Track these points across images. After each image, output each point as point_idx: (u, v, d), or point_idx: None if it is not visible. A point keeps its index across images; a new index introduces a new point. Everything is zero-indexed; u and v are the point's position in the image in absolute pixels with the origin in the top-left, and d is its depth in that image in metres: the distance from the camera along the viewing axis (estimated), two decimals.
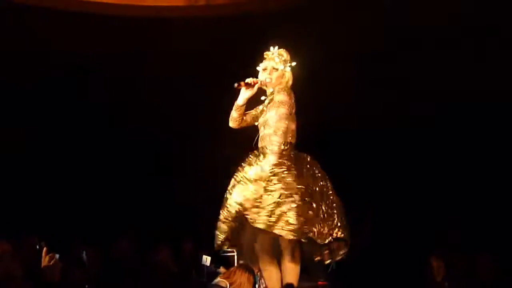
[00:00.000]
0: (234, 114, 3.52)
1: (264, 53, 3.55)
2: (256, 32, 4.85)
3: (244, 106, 3.47)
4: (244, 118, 3.53)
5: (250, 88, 3.39)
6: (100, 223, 5.89)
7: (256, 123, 3.50)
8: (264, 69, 3.49)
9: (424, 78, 5.70)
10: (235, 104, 3.48)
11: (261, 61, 3.56)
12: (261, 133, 3.39)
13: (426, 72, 5.63)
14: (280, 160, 3.20)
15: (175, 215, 6.44)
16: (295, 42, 3.69)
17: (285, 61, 3.49)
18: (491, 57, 5.38)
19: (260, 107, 3.52)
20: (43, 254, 3.86)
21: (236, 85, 3.37)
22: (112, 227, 5.73)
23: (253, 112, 3.55)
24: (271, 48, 3.53)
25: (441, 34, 5.28)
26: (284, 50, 3.52)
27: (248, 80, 3.40)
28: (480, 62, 5.40)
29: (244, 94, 3.41)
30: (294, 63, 3.52)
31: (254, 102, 3.58)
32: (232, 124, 3.57)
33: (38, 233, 4.77)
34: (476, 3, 4.83)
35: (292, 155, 3.30)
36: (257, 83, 3.40)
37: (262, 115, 3.43)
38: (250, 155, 3.40)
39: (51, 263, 3.70)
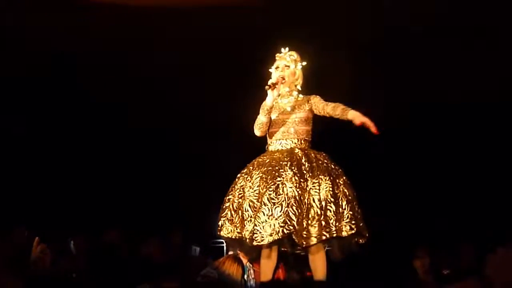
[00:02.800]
0: (263, 118, 3.42)
1: (276, 55, 3.62)
2: (264, 28, 4.83)
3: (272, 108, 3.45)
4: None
5: (276, 88, 3.40)
6: (88, 213, 5.86)
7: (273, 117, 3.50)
8: (277, 68, 3.56)
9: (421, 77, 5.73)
10: (264, 107, 3.41)
11: (268, 60, 3.63)
12: (285, 128, 3.44)
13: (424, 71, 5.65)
14: None
15: (165, 206, 6.42)
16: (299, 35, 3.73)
17: (295, 60, 3.59)
18: (480, 58, 5.40)
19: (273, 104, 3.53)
20: (35, 244, 3.84)
21: (267, 87, 3.38)
22: (100, 217, 5.70)
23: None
24: (282, 49, 3.61)
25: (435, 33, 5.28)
26: (294, 51, 3.61)
27: (272, 80, 3.44)
28: (472, 62, 5.42)
29: (272, 95, 3.39)
30: (304, 63, 3.61)
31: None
32: (259, 131, 3.47)
33: (26, 223, 4.74)
34: (471, 3, 4.84)
35: None
36: (279, 80, 3.45)
37: (281, 112, 3.49)
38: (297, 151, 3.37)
39: (42, 253, 3.68)
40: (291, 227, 3.08)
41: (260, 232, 3.10)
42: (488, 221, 5.73)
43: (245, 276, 4.53)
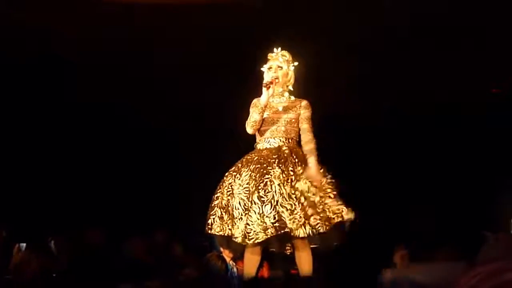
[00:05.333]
0: (257, 117, 3.46)
1: (268, 55, 3.65)
2: (260, 27, 4.81)
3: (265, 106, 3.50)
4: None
5: (270, 86, 3.45)
6: (69, 211, 5.78)
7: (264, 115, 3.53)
8: (269, 68, 3.59)
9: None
10: (260, 105, 3.45)
11: (264, 60, 3.65)
12: (275, 127, 3.48)
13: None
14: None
15: (147, 205, 6.37)
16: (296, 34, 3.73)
17: (288, 61, 3.62)
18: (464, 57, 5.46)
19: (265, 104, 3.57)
20: (15, 251, 3.79)
21: (264, 84, 3.43)
22: (82, 216, 5.63)
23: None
24: (274, 49, 3.64)
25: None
26: (286, 51, 3.64)
27: (268, 79, 3.48)
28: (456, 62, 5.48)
29: (267, 94, 3.44)
30: (296, 63, 3.65)
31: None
32: (252, 129, 3.49)
33: (5, 222, 4.66)
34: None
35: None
36: (274, 80, 3.48)
37: (274, 111, 3.53)
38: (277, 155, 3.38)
39: (24, 260, 3.65)
40: (283, 225, 3.13)
41: (254, 231, 3.14)
42: (468, 220, 5.82)
43: (228, 274, 4.53)
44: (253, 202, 3.19)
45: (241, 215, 3.21)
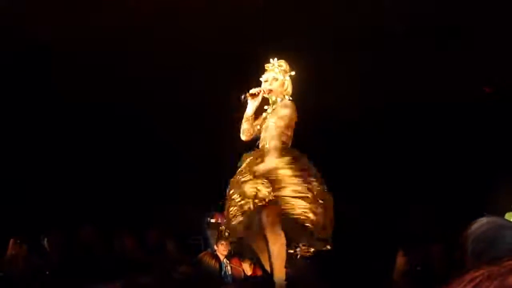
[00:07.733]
0: (245, 125, 3.60)
1: (265, 65, 3.71)
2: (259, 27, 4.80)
3: (253, 116, 3.61)
4: (255, 128, 3.63)
5: (255, 98, 3.55)
6: (62, 209, 5.75)
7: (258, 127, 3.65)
8: (266, 81, 3.66)
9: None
10: (245, 115, 3.58)
11: (260, 63, 3.72)
12: (262, 135, 3.57)
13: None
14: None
15: (140, 202, 6.35)
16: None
17: (284, 71, 3.67)
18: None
19: (264, 114, 3.67)
20: (10, 245, 3.78)
21: (242, 97, 3.53)
22: (74, 214, 5.60)
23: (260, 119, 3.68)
24: (271, 60, 3.70)
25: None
26: (283, 61, 3.69)
27: (252, 90, 3.56)
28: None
29: (252, 105, 3.56)
30: (293, 73, 3.69)
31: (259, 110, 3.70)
32: (244, 136, 3.62)
33: None
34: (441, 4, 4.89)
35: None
36: (260, 92, 3.57)
37: (265, 120, 3.61)
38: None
39: (14, 253, 3.63)
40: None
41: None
42: (458, 221, 5.82)
43: (222, 273, 4.54)
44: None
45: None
